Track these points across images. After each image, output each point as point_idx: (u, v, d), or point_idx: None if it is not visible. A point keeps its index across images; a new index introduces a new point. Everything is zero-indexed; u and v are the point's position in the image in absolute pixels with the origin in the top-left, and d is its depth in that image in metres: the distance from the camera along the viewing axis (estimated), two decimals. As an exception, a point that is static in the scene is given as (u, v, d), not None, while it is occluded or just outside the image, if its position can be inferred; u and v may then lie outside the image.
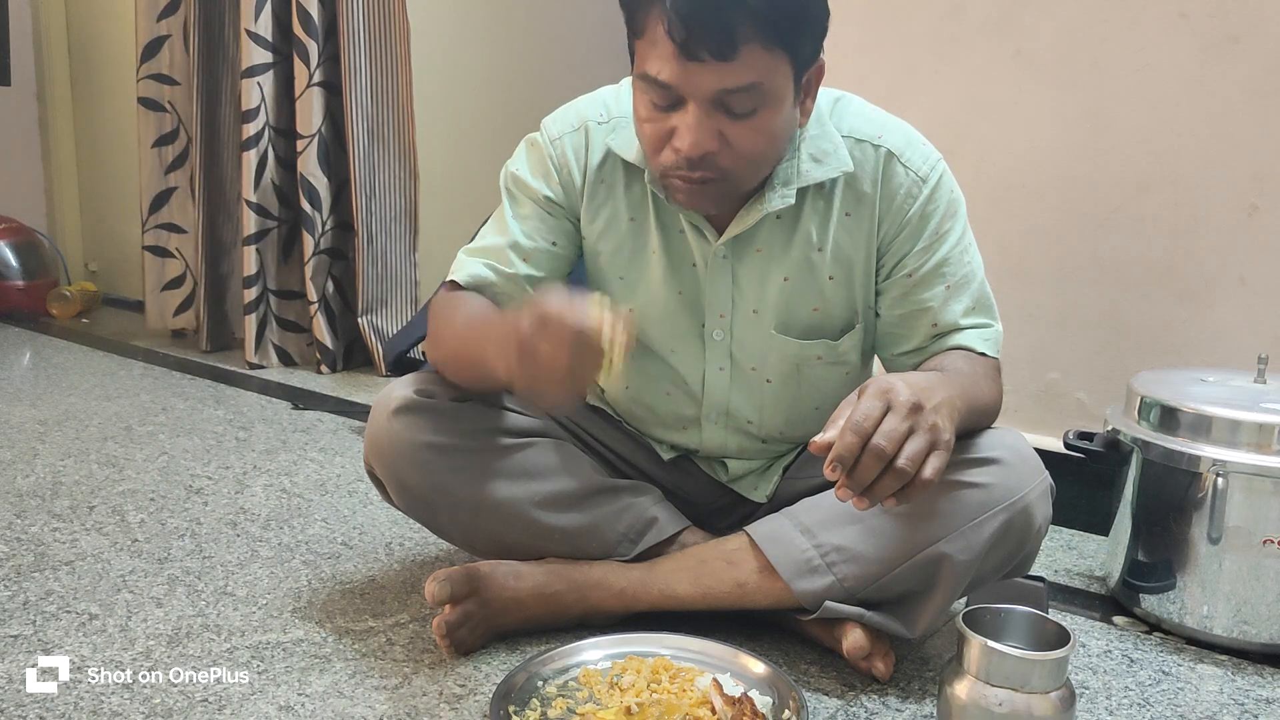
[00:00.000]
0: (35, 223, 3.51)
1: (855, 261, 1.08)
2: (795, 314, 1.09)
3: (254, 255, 2.54)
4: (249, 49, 2.44)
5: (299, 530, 1.44)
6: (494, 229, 1.13)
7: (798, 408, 1.16)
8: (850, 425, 0.82)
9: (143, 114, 2.83)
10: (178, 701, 0.96)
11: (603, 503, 1.13)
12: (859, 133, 1.06)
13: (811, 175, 1.04)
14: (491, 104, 2.87)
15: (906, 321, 1.09)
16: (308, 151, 2.48)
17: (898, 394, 0.84)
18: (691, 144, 0.92)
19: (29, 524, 1.44)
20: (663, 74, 0.91)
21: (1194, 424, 1.14)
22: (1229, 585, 1.13)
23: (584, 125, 1.11)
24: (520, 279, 1.10)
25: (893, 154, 1.05)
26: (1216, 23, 1.39)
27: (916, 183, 1.05)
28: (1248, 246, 1.40)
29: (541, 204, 1.11)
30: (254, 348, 2.58)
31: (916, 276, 1.06)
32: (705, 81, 0.90)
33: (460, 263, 1.13)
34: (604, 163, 1.10)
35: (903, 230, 1.06)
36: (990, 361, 1.07)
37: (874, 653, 1.02)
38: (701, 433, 1.18)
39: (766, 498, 1.20)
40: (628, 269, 1.12)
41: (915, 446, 0.82)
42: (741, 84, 0.90)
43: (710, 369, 1.14)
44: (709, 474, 1.23)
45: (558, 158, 1.11)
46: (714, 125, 0.93)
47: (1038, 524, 1.00)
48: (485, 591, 1.07)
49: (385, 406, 1.10)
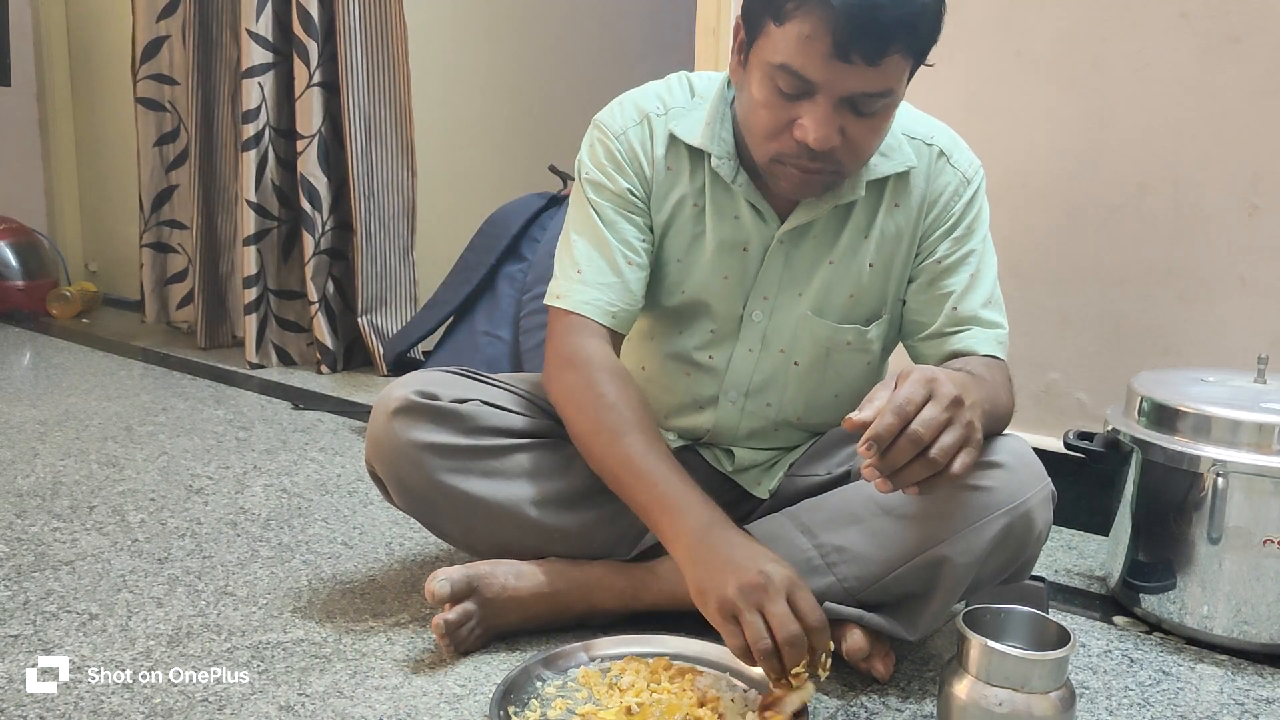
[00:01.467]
0: (35, 223, 3.51)
1: (897, 253, 1.11)
2: (833, 298, 1.12)
3: (254, 255, 2.54)
4: (249, 49, 2.45)
5: (299, 530, 1.44)
6: (588, 243, 1.11)
7: (820, 393, 1.17)
8: (893, 406, 0.82)
9: (143, 114, 2.85)
10: (178, 701, 0.96)
11: (602, 503, 1.13)
12: (912, 131, 1.11)
13: (881, 169, 1.08)
14: (491, 104, 2.88)
15: (929, 306, 1.11)
16: (308, 151, 2.48)
17: (941, 384, 0.84)
18: (818, 138, 0.95)
19: (29, 524, 1.44)
20: (807, 69, 0.92)
21: (1194, 424, 1.14)
22: (1229, 585, 1.13)
23: (645, 117, 1.12)
24: (629, 284, 1.10)
25: (943, 153, 1.11)
26: (1217, 23, 1.39)
27: (963, 182, 1.10)
28: (1248, 246, 1.40)
29: (624, 198, 1.11)
30: (254, 348, 2.58)
31: (945, 264, 1.10)
32: (849, 83, 0.93)
33: (568, 290, 1.10)
34: (668, 150, 1.11)
35: (943, 224, 1.10)
36: (1004, 368, 1.08)
37: (874, 653, 1.02)
38: (717, 412, 1.18)
39: (769, 493, 1.20)
40: (686, 252, 1.13)
41: (951, 439, 0.83)
42: (879, 89, 0.94)
43: (740, 349, 1.15)
44: (713, 465, 1.23)
45: (626, 151, 1.11)
46: (839, 121, 0.95)
47: (1038, 529, 1.00)
48: (485, 591, 1.07)
49: (386, 407, 1.10)
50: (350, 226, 2.53)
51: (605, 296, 1.09)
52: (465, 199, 2.67)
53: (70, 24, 3.56)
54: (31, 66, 3.53)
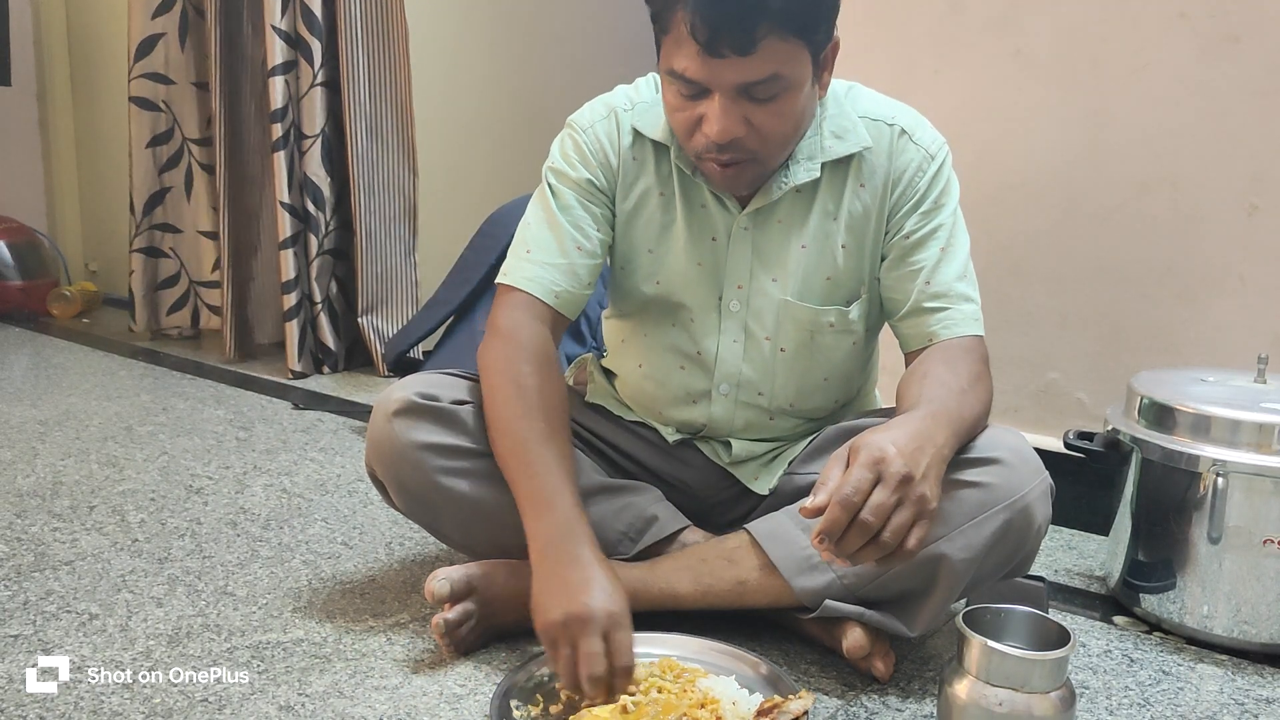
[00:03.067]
0: (35, 223, 3.51)
1: (866, 231, 1.12)
2: (810, 282, 1.13)
3: (291, 259, 2.47)
4: (274, 45, 2.39)
5: (299, 530, 1.44)
6: (540, 225, 1.14)
7: (809, 378, 1.18)
8: (839, 500, 0.84)
9: (136, 113, 2.76)
10: (178, 701, 0.96)
11: (602, 502, 1.14)
12: (873, 114, 1.12)
13: (834, 150, 1.10)
14: (492, 104, 2.88)
15: (902, 283, 1.11)
16: (311, 151, 2.47)
17: (889, 464, 0.85)
18: (719, 131, 0.98)
19: (29, 524, 1.44)
20: (689, 71, 0.97)
21: (1194, 424, 1.14)
22: (1229, 585, 1.13)
23: (612, 112, 1.16)
24: (576, 269, 1.12)
25: (905, 131, 1.12)
26: (1216, 23, 1.39)
27: (926, 158, 1.11)
28: (1248, 246, 1.40)
29: (583, 189, 1.14)
30: (296, 355, 2.49)
31: (914, 239, 1.11)
32: (728, 76, 0.96)
33: (514, 266, 1.13)
34: (634, 143, 1.15)
35: (909, 200, 1.11)
36: (976, 349, 1.08)
37: (874, 652, 1.02)
38: (711, 406, 1.19)
39: (769, 490, 1.20)
40: (656, 242, 1.15)
41: (900, 520, 0.84)
42: (762, 77, 0.96)
43: (725, 340, 1.16)
44: (711, 458, 1.23)
45: (592, 144, 1.14)
46: (740, 112, 0.98)
47: (1037, 524, 1.00)
48: (485, 591, 1.07)
49: (386, 408, 1.10)
50: (351, 227, 2.53)
51: (550, 276, 1.11)
52: (465, 199, 2.66)
53: (70, 24, 3.56)
54: (31, 66, 3.53)
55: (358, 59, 2.44)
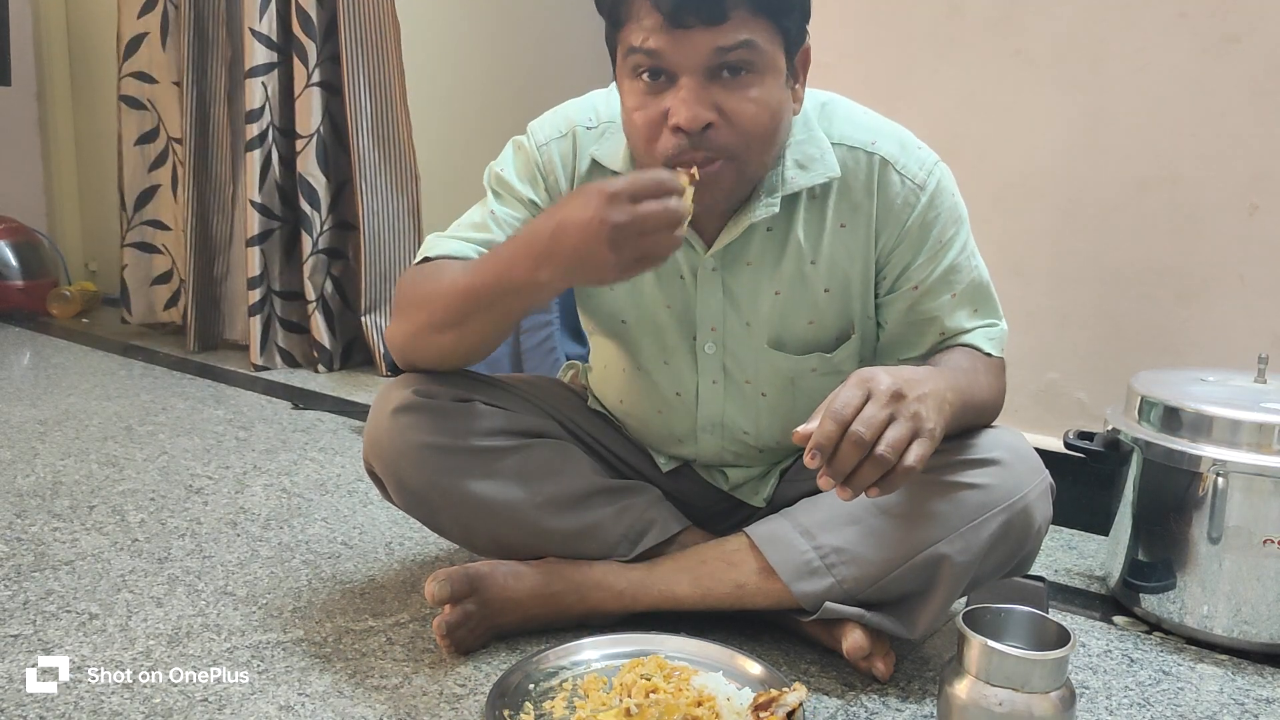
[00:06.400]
0: (35, 223, 3.51)
1: (852, 274, 1.06)
2: (789, 328, 1.08)
3: (258, 256, 2.53)
4: (252, 48, 2.43)
5: (299, 530, 1.44)
6: (473, 223, 1.10)
7: (794, 418, 1.13)
8: (830, 413, 0.83)
9: (125, 112, 2.81)
10: (178, 701, 0.96)
11: (602, 503, 1.13)
12: (850, 139, 1.03)
13: (797, 182, 1.02)
14: (492, 104, 2.87)
15: (914, 330, 1.08)
16: (306, 151, 2.47)
17: (878, 382, 0.84)
18: (689, 117, 0.91)
19: (29, 524, 1.44)
20: (649, 42, 0.90)
21: (1194, 424, 1.14)
22: (1229, 585, 1.13)
23: (571, 131, 1.08)
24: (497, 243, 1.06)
25: (887, 162, 1.02)
26: (1216, 23, 1.39)
27: (914, 191, 1.03)
28: (1248, 246, 1.40)
29: (525, 205, 1.09)
30: (259, 349, 2.57)
31: (924, 288, 1.05)
32: (697, 46, 0.90)
33: (432, 243, 1.09)
34: (591, 171, 1.08)
35: (902, 241, 1.04)
36: (994, 360, 1.07)
37: (874, 653, 1.02)
38: (698, 444, 1.18)
39: (765, 501, 1.20)
40: None
41: (896, 434, 0.83)
42: (735, 41, 0.90)
43: (704, 382, 1.13)
44: (709, 481, 1.23)
45: (544, 164, 1.08)
46: (709, 97, 0.91)
47: (1037, 524, 1.00)
48: (485, 591, 1.07)
49: (385, 406, 1.10)
50: (350, 226, 2.53)
51: (472, 244, 1.06)
52: (466, 199, 2.66)
53: (70, 24, 3.56)
54: (31, 66, 3.53)
55: (356, 59, 2.44)
